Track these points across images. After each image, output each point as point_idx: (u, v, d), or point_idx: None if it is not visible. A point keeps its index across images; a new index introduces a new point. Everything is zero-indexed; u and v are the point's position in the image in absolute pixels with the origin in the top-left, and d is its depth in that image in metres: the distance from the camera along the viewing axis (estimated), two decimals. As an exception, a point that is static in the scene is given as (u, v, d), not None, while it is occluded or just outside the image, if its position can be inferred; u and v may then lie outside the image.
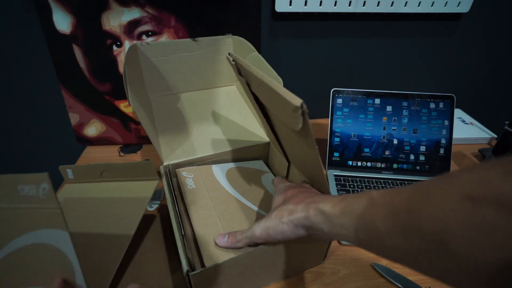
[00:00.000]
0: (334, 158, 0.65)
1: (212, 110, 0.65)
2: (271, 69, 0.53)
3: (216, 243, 0.37)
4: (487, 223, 0.16)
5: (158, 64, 0.61)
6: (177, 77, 0.66)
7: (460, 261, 0.17)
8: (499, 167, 0.17)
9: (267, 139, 0.56)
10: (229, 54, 0.44)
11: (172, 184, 0.46)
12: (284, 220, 0.30)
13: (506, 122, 0.63)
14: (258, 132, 0.59)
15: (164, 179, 0.46)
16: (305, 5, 0.68)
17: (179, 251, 0.35)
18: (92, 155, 0.74)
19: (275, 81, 0.32)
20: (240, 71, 0.42)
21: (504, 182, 0.16)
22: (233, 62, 0.42)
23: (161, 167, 0.48)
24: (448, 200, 0.18)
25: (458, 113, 0.89)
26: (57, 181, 0.69)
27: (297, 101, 0.26)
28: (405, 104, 0.64)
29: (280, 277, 0.44)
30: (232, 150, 0.54)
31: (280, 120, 0.37)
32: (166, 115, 0.58)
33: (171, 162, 0.49)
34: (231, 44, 0.69)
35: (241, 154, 0.55)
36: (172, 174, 0.50)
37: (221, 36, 0.66)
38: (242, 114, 0.63)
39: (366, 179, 0.63)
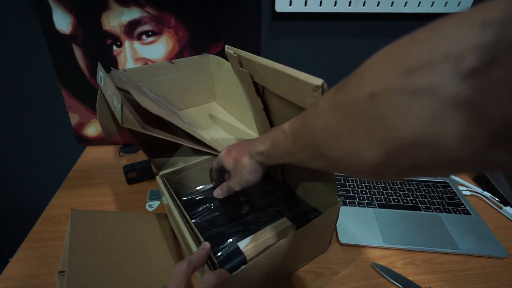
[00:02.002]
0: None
1: (198, 122, 0.66)
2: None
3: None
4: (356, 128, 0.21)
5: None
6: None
7: (335, 162, 0.24)
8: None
9: (257, 136, 0.56)
10: (227, 47, 0.44)
11: (169, 188, 0.45)
12: (245, 173, 0.41)
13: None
14: (247, 132, 0.59)
15: (161, 185, 0.46)
16: (305, 5, 0.68)
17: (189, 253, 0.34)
18: (92, 155, 0.74)
19: (286, 66, 0.33)
20: (241, 63, 0.42)
21: None
22: (235, 55, 0.41)
23: (158, 177, 0.48)
24: (319, 121, 0.25)
25: (458, 113, 0.89)
26: (56, 181, 0.70)
27: (317, 81, 0.28)
28: (405, 104, 0.64)
29: (290, 270, 0.45)
30: None
31: (288, 107, 0.38)
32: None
33: (167, 171, 0.49)
34: (208, 63, 0.70)
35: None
36: (168, 180, 0.49)
37: (197, 56, 0.67)
38: (227, 123, 0.64)
39: (365, 179, 0.63)
